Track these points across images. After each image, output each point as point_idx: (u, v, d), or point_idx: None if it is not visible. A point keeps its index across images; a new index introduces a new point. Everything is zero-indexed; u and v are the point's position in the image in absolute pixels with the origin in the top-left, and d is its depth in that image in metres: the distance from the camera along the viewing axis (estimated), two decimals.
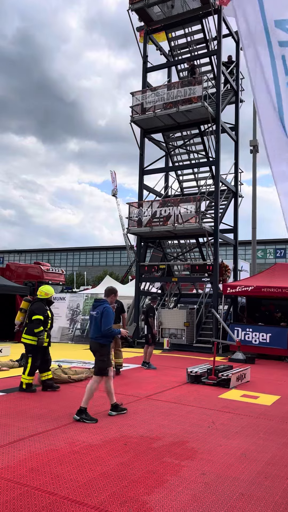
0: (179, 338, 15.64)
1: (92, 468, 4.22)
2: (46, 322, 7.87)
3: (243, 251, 51.77)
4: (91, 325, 6.37)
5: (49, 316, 7.95)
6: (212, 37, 17.37)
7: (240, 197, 18.70)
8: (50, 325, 7.99)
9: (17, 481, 3.86)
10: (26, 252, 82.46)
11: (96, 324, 6.21)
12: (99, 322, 6.15)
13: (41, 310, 7.82)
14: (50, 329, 8.07)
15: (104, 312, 6.16)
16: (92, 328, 6.30)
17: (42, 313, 7.78)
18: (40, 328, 7.66)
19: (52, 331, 16.88)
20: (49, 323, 7.95)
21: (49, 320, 7.93)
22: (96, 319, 6.22)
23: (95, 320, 6.24)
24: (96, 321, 6.22)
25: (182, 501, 3.59)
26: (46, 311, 7.91)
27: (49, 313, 8.00)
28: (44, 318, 7.79)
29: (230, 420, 6.17)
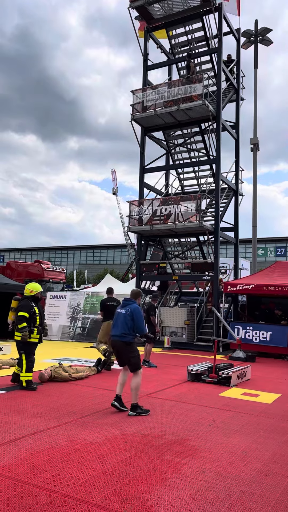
0: (180, 336, 15.65)
1: (93, 466, 4.23)
2: (33, 318, 7.89)
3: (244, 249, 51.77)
4: (117, 322, 6.38)
5: (36, 312, 7.97)
6: (213, 35, 17.34)
7: (240, 195, 18.69)
8: (38, 321, 7.99)
9: (18, 479, 3.87)
10: (26, 251, 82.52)
11: (124, 322, 6.27)
12: (130, 320, 6.22)
13: (26, 307, 7.89)
14: (41, 325, 8.07)
15: (136, 312, 6.30)
16: (119, 325, 6.32)
17: (27, 310, 7.85)
18: (23, 324, 7.73)
19: (53, 329, 16.98)
20: (37, 320, 7.95)
21: (36, 317, 7.94)
22: (125, 316, 6.29)
23: (123, 317, 6.31)
24: (125, 319, 6.28)
25: (183, 498, 3.60)
26: (32, 307, 7.95)
27: (36, 309, 8.01)
28: (30, 315, 7.85)
29: (230, 418, 6.17)
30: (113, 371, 9.93)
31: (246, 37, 21.88)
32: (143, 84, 17.97)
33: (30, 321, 7.83)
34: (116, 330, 6.39)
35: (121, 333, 6.27)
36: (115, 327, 6.43)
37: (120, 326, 6.33)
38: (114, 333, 6.43)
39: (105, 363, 10.04)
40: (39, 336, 8.00)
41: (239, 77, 18.87)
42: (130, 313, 6.30)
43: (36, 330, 7.89)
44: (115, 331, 6.39)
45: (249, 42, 22.23)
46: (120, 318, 6.41)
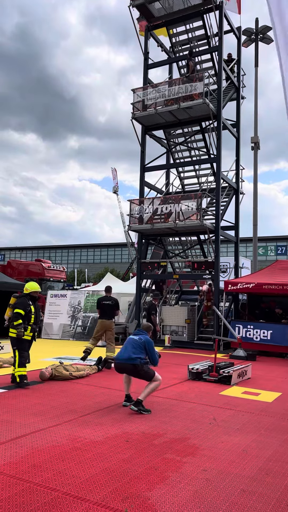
0: (180, 335, 15.66)
1: (94, 464, 4.23)
2: (28, 316, 7.98)
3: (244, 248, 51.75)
4: (127, 346, 6.46)
5: (31, 310, 8.03)
6: (213, 33, 17.31)
7: (241, 194, 18.68)
8: (34, 319, 8.05)
9: (19, 477, 3.88)
10: (27, 249, 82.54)
11: (134, 346, 6.37)
12: (141, 347, 6.37)
13: (23, 304, 7.98)
14: (36, 324, 8.14)
15: (149, 343, 6.48)
16: (129, 348, 6.39)
17: (23, 307, 7.94)
18: (19, 321, 7.82)
19: (53, 328, 16.99)
20: (32, 318, 8.02)
21: (31, 315, 8.01)
22: (136, 342, 6.43)
23: (134, 343, 6.44)
24: (135, 344, 6.41)
25: (183, 497, 3.60)
26: (29, 305, 8.03)
27: (32, 308, 8.08)
28: (26, 313, 7.93)
29: (231, 417, 6.18)
30: (114, 370, 9.92)
31: (246, 35, 21.84)
32: (143, 83, 17.94)
33: (25, 318, 7.92)
34: (125, 353, 6.39)
35: (128, 357, 6.31)
36: (123, 351, 6.45)
37: (129, 349, 6.38)
38: (121, 356, 6.44)
39: (106, 362, 10.06)
40: (32, 334, 8.08)
41: (239, 76, 18.85)
42: (143, 342, 6.44)
43: (30, 328, 7.99)
44: (124, 354, 6.40)
45: (250, 41, 22.19)
46: (130, 343, 6.48)
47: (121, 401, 6.75)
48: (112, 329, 10.47)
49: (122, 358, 6.38)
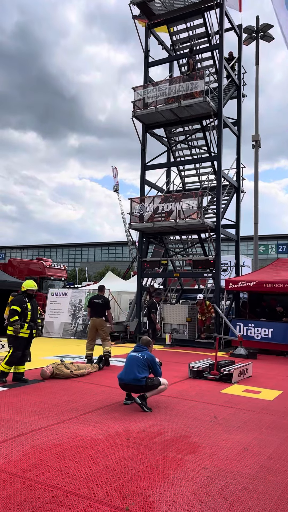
0: (181, 333, 15.66)
1: (95, 462, 4.24)
2: (25, 313, 8.00)
3: (245, 246, 51.74)
4: (131, 366, 6.44)
5: (28, 308, 8.05)
6: (214, 31, 17.28)
7: (242, 192, 18.66)
8: (30, 317, 8.06)
9: (20, 475, 3.89)
10: (28, 248, 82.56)
11: (138, 365, 6.38)
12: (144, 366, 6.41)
13: (19, 301, 8.04)
14: (32, 321, 8.12)
15: (152, 360, 6.54)
16: (134, 368, 6.38)
17: (19, 304, 7.99)
18: (15, 318, 7.87)
19: (54, 326, 16.99)
20: (29, 315, 8.03)
21: (28, 312, 8.03)
22: (139, 360, 6.44)
23: (137, 361, 6.44)
24: (138, 362, 6.41)
25: (184, 495, 3.60)
26: (25, 303, 8.06)
27: (29, 305, 8.09)
28: (22, 310, 7.96)
29: (232, 415, 6.18)
30: (114, 368, 9.94)
31: (247, 33, 21.77)
32: (144, 81, 17.92)
33: (21, 315, 7.95)
34: (129, 374, 6.39)
35: (134, 377, 6.32)
36: (128, 371, 6.43)
37: (134, 369, 6.37)
38: (126, 377, 6.42)
39: (107, 360, 10.07)
40: (29, 332, 8.08)
41: (240, 74, 18.81)
42: (145, 360, 6.48)
43: (26, 326, 8.00)
44: (128, 375, 6.39)
45: (251, 38, 22.11)
46: (133, 362, 6.48)
47: (122, 399, 6.76)
48: (103, 328, 10.50)
49: (128, 379, 6.38)
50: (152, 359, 6.58)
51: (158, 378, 6.55)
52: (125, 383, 6.45)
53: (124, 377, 6.43)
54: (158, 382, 6.49)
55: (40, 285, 23.84)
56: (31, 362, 10.33)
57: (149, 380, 6.39)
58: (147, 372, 6.46)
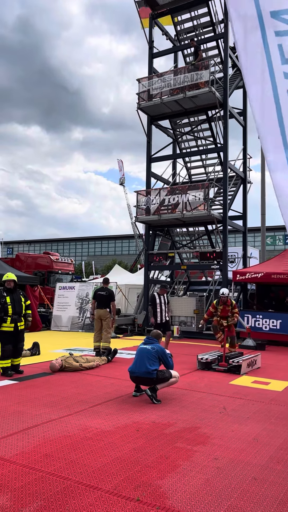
0: (189, 325, 15.67)
1: (105, 453, 4.27)
2: (5, 308, 7.97)
3: (252, 237, 51.48)
4: (141, 358, 6.44)
5: (7, 302, 8.01)
6: (219, 20, 17.06)
7: (248, 183, 18.52)
8: (11, 310, 8.01)
9: (32, 466, 3.92)
10: (35, 243, 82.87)
11: (149, 357, 6.38)
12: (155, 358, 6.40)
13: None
14: (15, 314, 8.07)
15: (162, 353, 6.54)
16: (144, 361, 6.37)
17: None
18: None
19: (62, 320, 17.07)
20: (9, 308, 8.00)
21: (8, 306, 7.99)
22: (150, 353, 6.43)
23: (147, 354, 6.43)
24: (149, 355, 6.41)
25: (195, 485, 3.62)
26: (4, 297, 8.04)
27: (8, 299, 8.04)
28: (1, 305, 7.94)
29: (241, 406, 6.19)
30: (123, 360, 9.98)
31: None
32: (148, 72, 17.77)
33: (1, 311, 7.91)
34: (140, 367, 6.39)
35: (145, 370, 6.32)
36: (138, 364, 6.44)
37: (145, 362, 6.37)
38: (137, 370, 6.43)
39: (115, 353, 10.11)
40: (13, 325, 8.04)
41: None
42: (156, 352, 6.48)
43: (9, 319, 7.98)
44: (140, 367, 6.40)
45: None
46: (144, 354, 6.47)
47: (131, 391, 6.79)
48: (106, 319, 10.71)
49: (139, 371, 6.39)
50: (162, 351, 6.59)
51: (170, 371, 6.56)
52: (136, 376, 6.47)
53: (136, 370, 6.44)
54: (169, 375, 6.50)
55: (48, 279, 23.94)
56: (40, 356, 10.42)
57: (160, 373, 6.40)
58: (157, 364, 6.47)
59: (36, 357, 10.20)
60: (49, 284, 23.43)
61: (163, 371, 6.48)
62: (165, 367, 6.59)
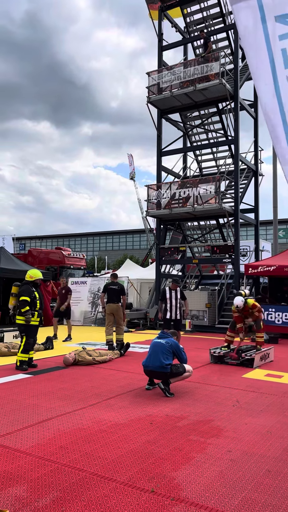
0: (201, 319, 15.66)
1: (119, 446, 4.31)
2: (34, 303, 8.26)
3: (264, 231, 51.08)
4: (155, 352, 6.46)
5: (36, 297, 8.32)
6: (229, 11, 16.86)
7: (260, 175, 18.37)
8: (39, 305, 8.36)
9: (48, 458, 3.98)
10: (47, 238, 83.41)
11: (163, 352, 6.39)
12: (169, 353, 6.41)
13: (27, 291, 8.26)
14: (41, 309, 8.50)
15: (177, 347, 6.56)
16: (158, 355, 6.39)
17: (28, 294, 8.21)
18: (26, 308, 8.11)
19: (75, 314, 17.19)
20: (37, 304, 8.31)
21: (36, 301, 8.30)
22: (164, 347, 6.44)
23: (162, 348, 6.45)
24: (163, 349, 6.42)
25: (209, 477, 3.64)
26: (33, 292, 8.31)
27: (36, 294, 8.37)
28: (31, 299, 8.21)
29: (254, 399, 6.18)
30: (135, 354, 10.02)
31: None
32: (158, 65, 17.67)
33: (31, 305, 8.19)
34: (154, 361, 6.40)
35: (160, 365, 6.34)
36: (152, 358, 6.46)
37: (159, 356, 6.39)
38: (151, 364, 6.44)
39: (128, 347, 10.16)
40: (39, 319, 8.41)
41: None
42: (170, 346, 6.49)
43: (36, 314, 8.30)
44: (153, 363, 6.41)
45: None
46: (158, 348, 6.49)
47: (144, 385, 6.83)
48: (119, 313, 10.82)
49: (153, 365, 6.40)
50: (176, 345, 6.60)
51: (183, 365, 6.57)
52: (150, 370, 6.50)
53: (150, 364, 6.46)
54: (183, 369, 6.51)
55: (60, 274, 24.09)
56: (53, 350, 10.53)
57: (174, 367, 6.42)
58: (171, 358, 6.48)
59: (50, 351, 10.30)
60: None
61: (177, 365, 6.49)
62: (178, 361, 6.61)
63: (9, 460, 3.96)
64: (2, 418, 5.16)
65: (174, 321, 9.97)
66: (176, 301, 10.01)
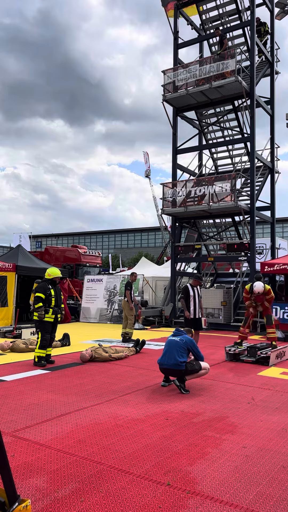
0: (216, 317, 15.67)
1: (135, 440, 4.40)
2: (49, 300, 8.39)
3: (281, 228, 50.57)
4: (171, 350, 6.52)
5: (51, 294, 8.44)
6: (245, 7, 16.76)
7: (276, 173, 18.22)
8: (54, 302, 8.45)
9: (66, 451, 4.10)
10: (62, 236, 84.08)
11: (178, 351, 6.44)
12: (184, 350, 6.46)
13: (43, 288, 8.43)
14: (57, 306, 8.52)
15: (191, 344, 6.61)
16: (173, 353, 6.45)
17: (43, 291, 8.37)
18: (39, 304, 8.28)
19: (91, 312, 17.37)
20: (52, 301, 8.42)
21: (51, 298, 8.42)
22: (179, 344, 6.50)
23: (176, 345, 6.51)
24: (178, 347, 6.48)
25: (224, 472, 3.70)
26: (49, 289, 8.46)
27: (52, 292, 8.48)
28: (46, 296, 8.35)
29: (270, 397, 6.20)
30: (151, 351, 10.11)
31: (279, 7, 20.89)
32: (174, 63, 17.67)
33: (45, 302, 8.34)
34: (170, 359, 6.46)
35: (174, 362, 6.39)
36: (166, 355, 6.52)
37: (174, 354, 6.44)
38: (166, 362, 6.51)
39: (143, 344, 10.25)
40: (54, 316, 8.49)
41: (273, 50, 18.21)
42: (185, 343, 6.54)
43: (51, 311, 8.42)
44: (169, 360, 6.47)
45: (283, 13, 21.24)
46: (172, 346, 6.54)
47: (159, 381, 6.91)
48: (125, 308, 11.64)
49: (168, 364, 6.46)
50: (191, 342, 6.65)
51: (199, 363, 6.61)
52: (165, 368, 6.56)
53: (165, 362, 6.53)
54: (199, 367, 6.55)
55: (76, 272, 24.32)
56: (70, 346, 10.69)
57: (189, 365, 6.47)
58: (186, 356, 6.54)
59: (67, 348, 10.47)
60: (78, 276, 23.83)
61: (192, 363, 6.54)
62: (194, 357, 6.66)
63: (29, 452, 4.08)
64: (22, 412, 5.31)
65: (196, 320, 9.61)
66: (199, 299, 9.66)
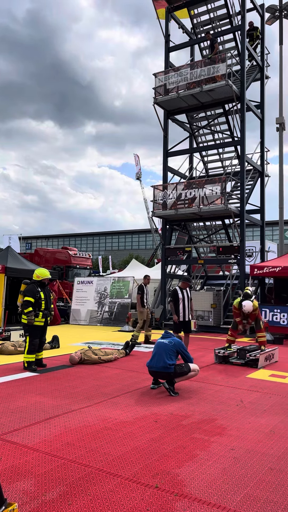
0: (206, 319, 15.71)
1: (124, 443, 4.39)
2: (39, 303, 8.12)
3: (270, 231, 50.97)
4: (159, 352, 6.51)
5: (41, 297, 8.16)
6: (236, 12, 16.90)
7: (266, 176, 18.37)
8: (44, 306, 8.18)
9: (54, 454, 4.07)
10: (52, 237, 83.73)
11: (167, 353, 6.45)
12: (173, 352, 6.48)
13: (32, 292, 8.11)
14: (46, 309, 8.26)
15: (180, 346, 6.63)
16: (163, 356, 6.44)
17: (32, 294, 8.07)
18: (29, 309, 7.97)
19: (81, 314, 17.30)
20: (42, 304, 8.15)
21: (41, 301, 8.15)
22: (168, 347, 6.50)
23: (165, 348, 6.50)
24: (167, 349, 6.48)
25: (212, 474, 3.71)
26: (38, 292, 8.16)
27: (42, 294, 8.20)
28: (36, 300, 8.07)
29: (258, 399, 6.24)
30: (140, 354, 10.10)
31: (270, 12, 21.18)
32: (165, 66, 17.73)
33: (35, 305, 8.07)
34: (159, 362, 6.45)
35: (163, 365, 6.40)
36: (155, 358, 6.53)
37: (163, 357, 6.44)
38: (155, 365, 6.50)
39: (133, 346, 10.25)
40: (44, 320, 8.23)
41: (263, 55, 18.37)
42: (173, 346, 6.55)
43: (41, 314, 8.15)
44: (158, 362, 6.47)
45: (274, 18, 21.51)
46: (161, 349, 6.54)
47: (149, 384, 6.90)
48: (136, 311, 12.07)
49: (157, 366, 6.46)
50: (180, 344, 6.66)
51: (188, 365, 6.63)
52: (154, 371, 6.56)
53: (154, 365, 6.52)
54: (187, 369, 6.56)
55: (67, 274, 24.22)
56: (59, 349, 10.63)
57: (178, 367, 6.48)
58: (175, 358, 6.54)
59: (56, 350, 10.42)
60: (68, 278, 23.74)
61: (181, 365, 6.55)
62: (184, 361, 6.67)
63: (16, 455, 4.05)
64: (10, 415, 5.27)
65: (185, 323, 9.58)
66: (188, 301, 9.58)
